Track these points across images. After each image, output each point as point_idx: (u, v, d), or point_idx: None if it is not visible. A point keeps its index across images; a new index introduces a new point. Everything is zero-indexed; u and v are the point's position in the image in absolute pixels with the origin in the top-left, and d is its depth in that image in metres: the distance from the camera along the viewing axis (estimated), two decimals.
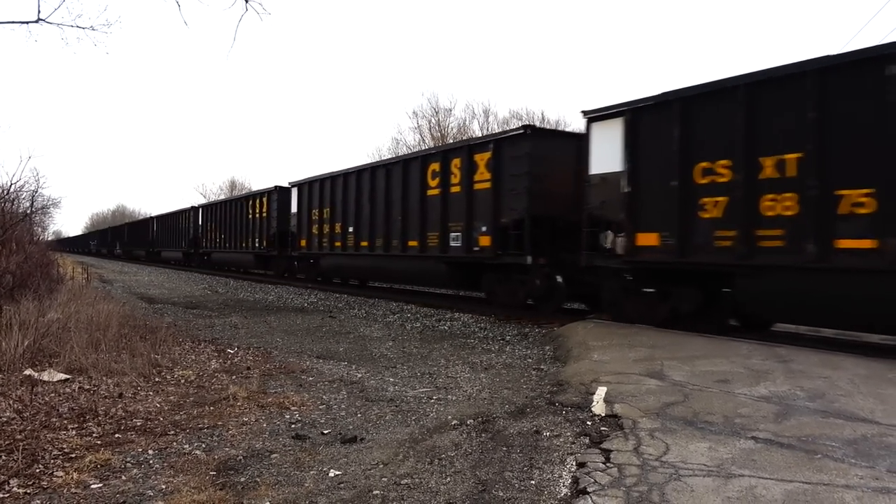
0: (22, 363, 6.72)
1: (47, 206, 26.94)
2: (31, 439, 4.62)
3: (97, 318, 8.97)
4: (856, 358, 7.34)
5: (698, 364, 7.03)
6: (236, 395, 6.12)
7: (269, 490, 3.89)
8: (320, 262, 22.02)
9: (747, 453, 4.26)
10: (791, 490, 3.62)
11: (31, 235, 18.94)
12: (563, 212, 12.30)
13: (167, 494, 3.81)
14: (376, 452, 4.63)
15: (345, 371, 7.78)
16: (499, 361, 8.58)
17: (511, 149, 12.98)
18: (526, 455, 4.52)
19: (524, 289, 13.22)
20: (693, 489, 3.66)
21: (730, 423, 4.93)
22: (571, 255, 12.02)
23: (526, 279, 13.01)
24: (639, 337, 9.00)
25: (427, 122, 45.72)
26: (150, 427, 5.17)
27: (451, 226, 14.61)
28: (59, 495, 3.79)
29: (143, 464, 4.35)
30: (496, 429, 5.21)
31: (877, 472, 3.89)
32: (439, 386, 6.99)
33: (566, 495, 3.77)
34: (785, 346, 8.09)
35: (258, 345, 9.75)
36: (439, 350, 9.60)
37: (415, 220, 15.88)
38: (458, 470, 4.25)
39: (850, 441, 4.46)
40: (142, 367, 7.04)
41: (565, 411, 5.65)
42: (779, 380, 6.21)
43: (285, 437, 5.02)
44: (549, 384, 6.94)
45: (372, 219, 17.83)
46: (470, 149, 14.30)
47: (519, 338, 10.92)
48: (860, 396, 5.60)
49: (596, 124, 11.14)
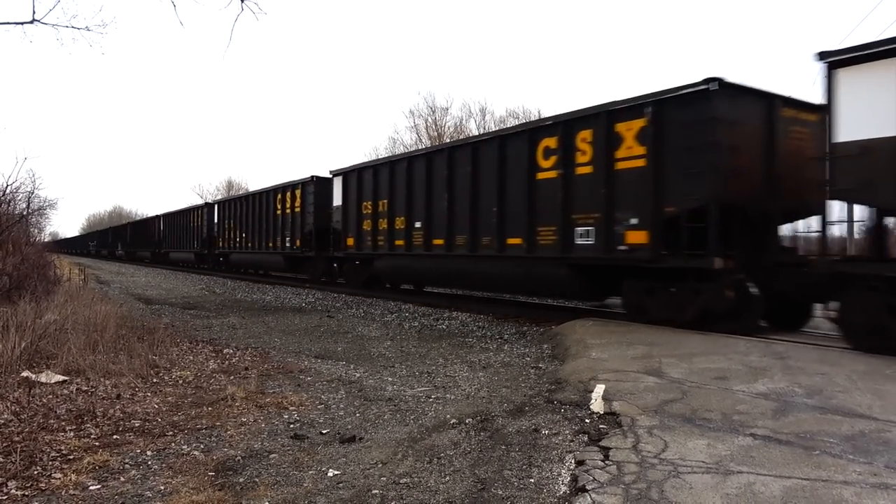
0: (19, 365, 6.70)
1: (44, 207, 26.88)
2: (29, 441, 4.61)
3: (94, 319, 8.94)
4: (854, 354, 7.35)
5: (696, 361, 7.04)
6: (234, 395, 6.11)
7: (268, 490, 3.88)
8: (374, 265, 18.59)
9: (746, 450, 4.27)
10: (790, 486, 3.63)
11: (27, 237, 18.90)
12: (754, 198, 9.79)
13: (166, 495, 3.81)
14: (375, 452, 4.63)
15: (343, 371, 7.77)
16: (497, 360, 8.58)
17: (685, 112, 9.71)
18: (525, 453, 4.52)
19: (698, 301, 9.65)
20: (692, 486, 3.66)
21: (728, 420, 4.93)
22: (761, 255, 9.92)
23: (703, 288, 9.57)
24: (637, 335, 9.01)
25: (423, 122, 45.74)
26: (148, 428, 5.16)
27: (577, 218, 11.33)
28: (57, 497, 3.78)
29: (142, 465, 4.34)
30: (495, 427, 5.21)
31: (875, 467, 3.90)
32: (438, 385, 6.99)
33: (565, 493, 3.77)
34: (783, 343, 8.10)
35: (256, 345, 9.74)
36: (437, 349, 9.60)
37: (519, 211, 12.54)
38: (457, 469, 4.25)
39: (849, 437, 4.47)
40: (139, 368, 7.02)
41: (564, 409, 5.65)
42: (777, 376, 6.22)
43: (284, 437, 5.01)
44: (547, 382, 6.95)
45: (450, 211, 14.55)
46: (610, 116, 10.74)
47: (517, 336, 10.92)
48: (858, 392, 5.61)
49: (848, 71, 7.87)
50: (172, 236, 41.22)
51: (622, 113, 10.56)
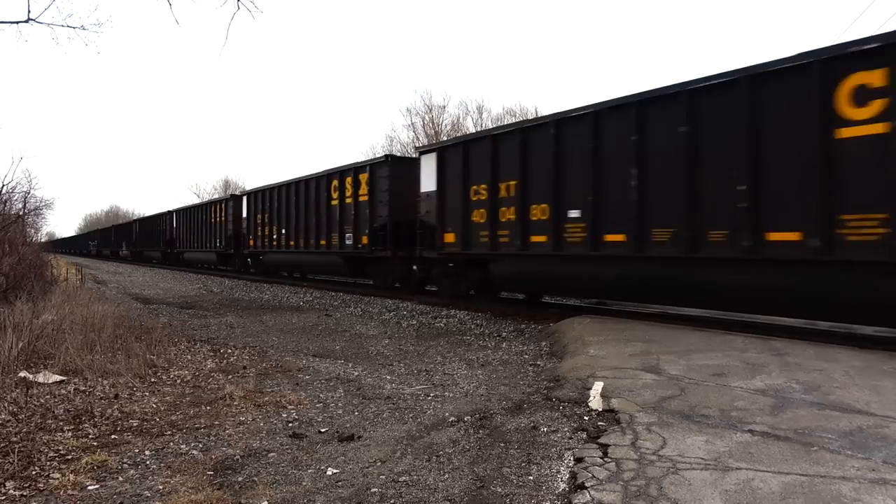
0: (17, 365, 6.68)
1: (40, 207, 26.87)
2: (27, 441, 4.60)
3: (92, 319, 8.92)
4: (851, 350, 7.36)
5: (694, 358, 7.05)
6: (233, 394, 6.10)
7: (267, 489, 3.88)
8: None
9: (744, 446, 4.27)
10: (788, 482, 3.63)
11: (24, 237, 18.84)
12: None
13: (164, 495, 3.80)
14: (374, 450, 4.62)
15: (341, 369, 7.76)
16: (495, 358, 8.58)
17: None
18: (524, 451, 4.52)
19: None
20: (691, 482, 3.66)
21: (726, 417, 4.94)
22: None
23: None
24: (635, 332, 9.01)
25: (421, 120, 45.80)
26: (146, 428, 5.15)
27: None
28: (55, 497, 3.78)
29: (140, 464, 4.34)
30: (494, 425, 5.21)
31: (873, 463, 3.91)
32: (436, 383, 6.99)
33: (564, 490, 3.77)
34: (780, 339, 8.11)
35: (254, 344, 9.73)
36: (436, 347, 9.60)
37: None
38: (455, 466, 4.25)
39: (847, 433, 4.47)
40: (137, 368, 7.01)
41: (562, 407, 5.66)
42: (774, 372, 6.23)
43: (282, 435, 5.01)
44: (545, 380, 6.95)
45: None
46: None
47: (515, 334, 10.93)
48: (856, 388, 5.62)
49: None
50: (188, 234, 37.03)
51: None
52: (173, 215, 40.86)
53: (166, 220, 42.33)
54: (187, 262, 37.81)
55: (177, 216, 40.11)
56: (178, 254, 39.40)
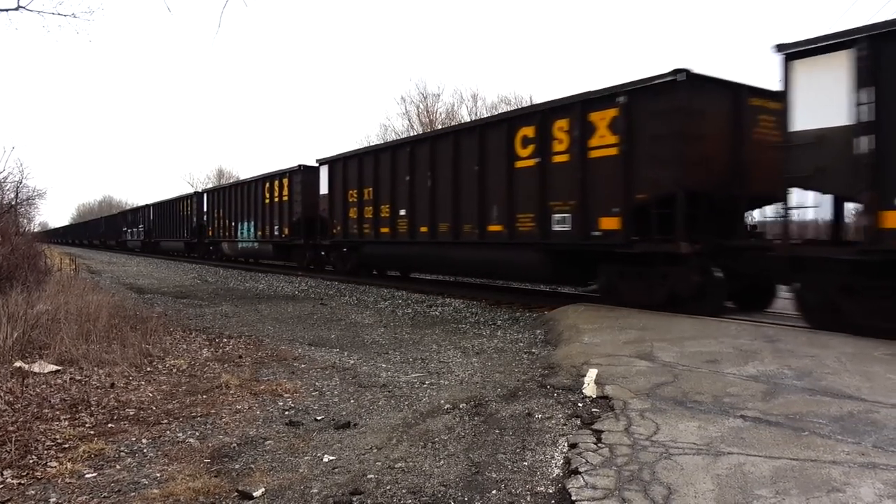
0: (12, 355, 6.69)
1: (32, 196, 26.74)
2: (24, 431, 4.62)
3: (87, 308, 8.92)
4: (843, 337, 7.42)
5: (687, 345, 7.10)
6: (229, 383, 6.13)
7: (264, 476, 3.91)
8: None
9: (736, 431, 4.32)
10: (779, 467, 3.68)
11: (16, 227, 18.75)
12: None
13: (162, 482, 3.82)
14: (370, 437, 4.66)
15: (337, 358, 7.79)
16: (490, 346, 8.62)
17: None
18: (518, 437, 4.56)
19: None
20: (683, 467, 3.71)
21: (719, 403, 4.99)
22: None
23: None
24: (629, 319, 9.07)
25: (415, 108, 45.46)
26: (143, 416, 5.17)
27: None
28: (53, 485, 3.80)
29: (137, 453, 4.36)
30: (488, 412, 5.25)
31: (863, 447, 3.96)
32: (431, 371, 7.02)
33: (558, 475, 3.81)
34: (773, 327, 8.18)
35: (250, 333, 9.74)
36: (431, 335, 9.63)
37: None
38: (451, 453, 4.29)
39: (837, 418, 4.53)
40: (133, 357, 7.02)
41: (557, 394, 5.70)
42: (767, 359, 6.29)
43: (279, 423, 5.04)
44: (540, 367, 6.99)
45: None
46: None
47: (510, 322, 10.97)
48: (847, 374, 5.68)
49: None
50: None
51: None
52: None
53: (191, 203, 41.99)
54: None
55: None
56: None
